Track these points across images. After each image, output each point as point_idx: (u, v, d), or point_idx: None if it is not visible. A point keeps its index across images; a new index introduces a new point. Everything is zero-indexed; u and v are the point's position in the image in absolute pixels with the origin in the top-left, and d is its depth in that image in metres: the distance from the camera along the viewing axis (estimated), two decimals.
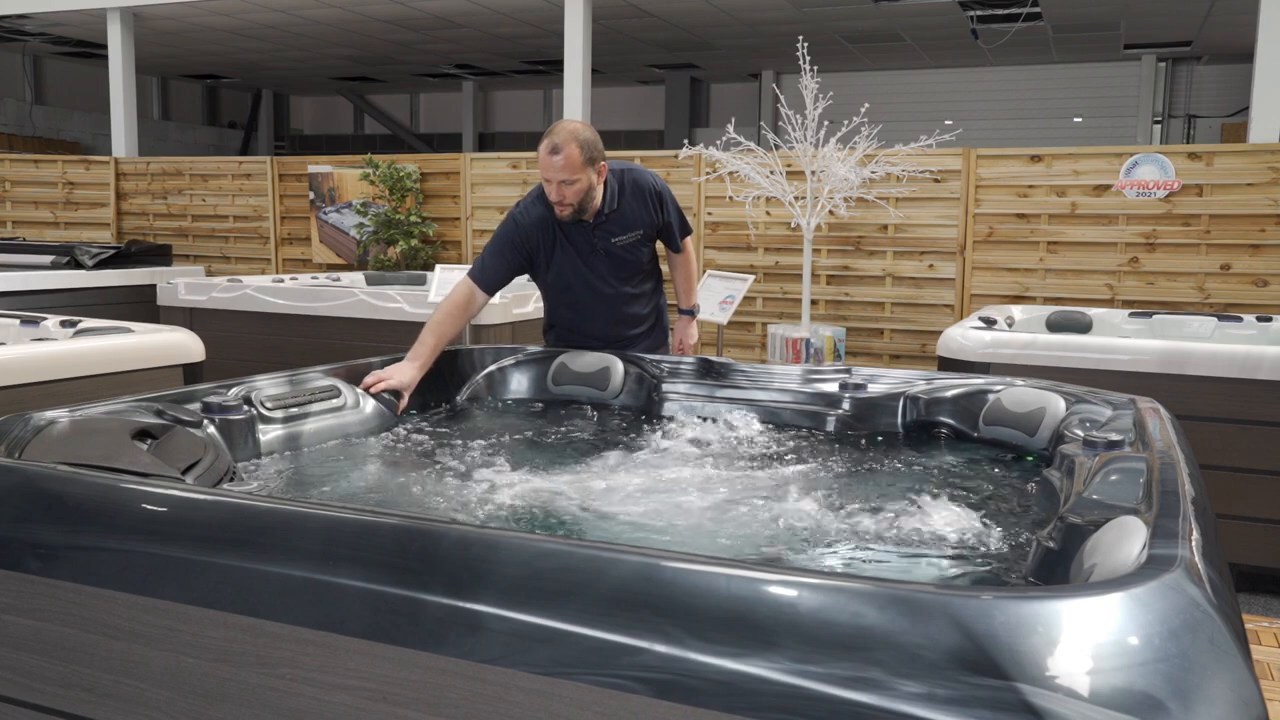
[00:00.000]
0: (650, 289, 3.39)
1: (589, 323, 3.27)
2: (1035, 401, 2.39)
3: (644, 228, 3.20)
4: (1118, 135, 13.68)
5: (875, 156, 6.12)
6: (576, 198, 2.97)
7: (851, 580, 1.07)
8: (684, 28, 11.76)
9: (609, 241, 3.14)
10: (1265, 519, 3.70)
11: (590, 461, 2.27)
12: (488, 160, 8.03)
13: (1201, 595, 1.06)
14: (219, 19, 11.51)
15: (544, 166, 2.92)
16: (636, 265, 3.25)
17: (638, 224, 3.17)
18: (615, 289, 3.22)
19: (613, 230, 3.13)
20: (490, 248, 3.14)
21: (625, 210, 3.14)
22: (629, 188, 3.15)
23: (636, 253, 3.22)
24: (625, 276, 3.23)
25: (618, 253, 3.17)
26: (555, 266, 3.16)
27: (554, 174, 2.92)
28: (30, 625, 1.42)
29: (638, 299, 3.32)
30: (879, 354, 6.79)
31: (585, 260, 3.15)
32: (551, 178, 2.93)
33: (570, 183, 2.93)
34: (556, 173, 2.91)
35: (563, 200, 2.97)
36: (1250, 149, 6.13)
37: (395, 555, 1.22)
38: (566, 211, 3.00)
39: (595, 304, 3.23)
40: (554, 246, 3.13)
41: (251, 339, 5.35)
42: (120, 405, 2.02)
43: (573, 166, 2.91)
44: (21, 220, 9.42)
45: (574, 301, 3.25)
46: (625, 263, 3.20)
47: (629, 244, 3.18)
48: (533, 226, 3.11)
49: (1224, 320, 5.00)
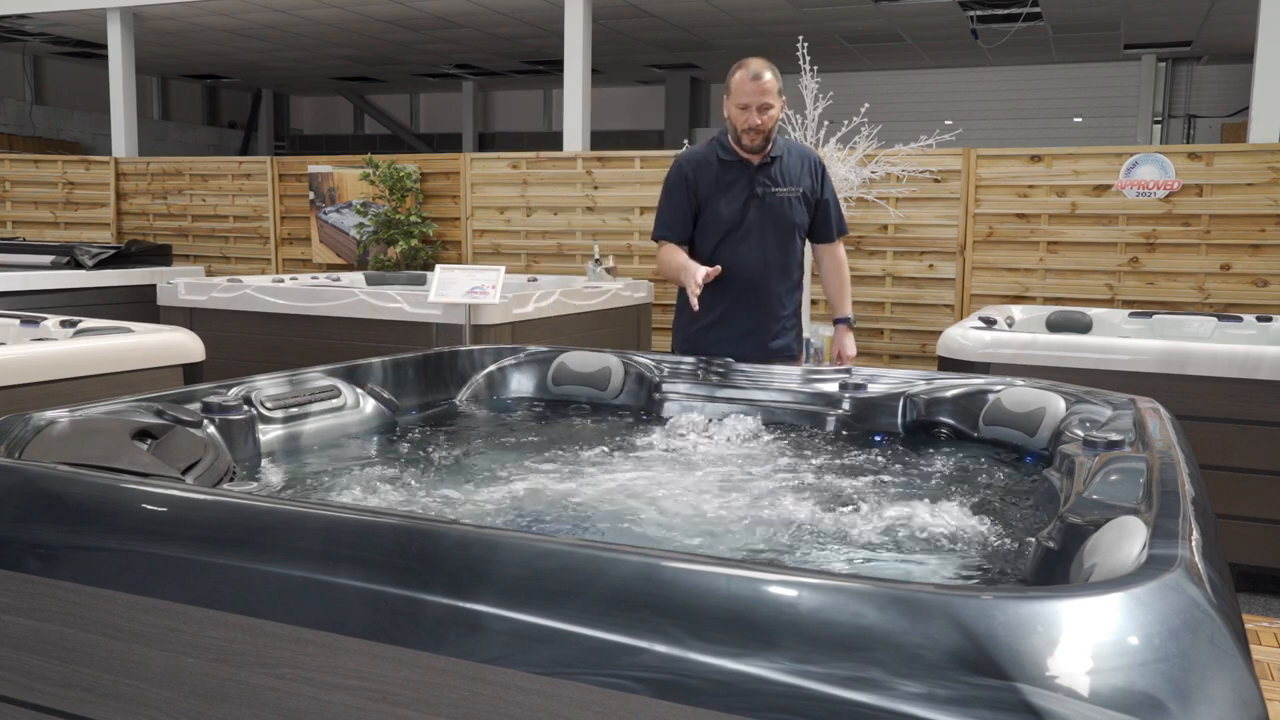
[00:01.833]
0: (798, 280, 3.41)
1: (737, 301, 3.26)
2: (1035, 401, 2.40)
3: (803, 189, 3.29)
4: (1118, 135, 13.68)
5: (875, 156, 6.12)
6: (770, 123, 3.15)
7: (851, 580, 1.07)
8: (684, 28, 11.76)
9: (770, 190, 3.23)
10: (1265, 519, 3.70)
11: (590, 461, 2.27)
12: (488, 160, 8.03)
13: (1201, 595, 1.06)
14: (219, 19, 11.51)
15: (745, 92, 3.10)
16: (790, 228, 3.28)
17: (797, 181, 3.28)
18: (767, 250, 3.25)
19: (775, 178, 3.24)
20: (662, 201, 3.32)
21: (789, 163, 3.28)
22: (795, 148, 3.38)
23: (792, 211, 3.27)
24: (779, 240, 3.26)
25: (775, 205, 3.24)
26: (714, 207, 3.24)
27: (755, 98, 3.10)
28: (30, 625, 1.42)
29: (786, 277, 3.33)
30: (879, 354, 6.79)
31: (744, 205, 3.22)
32: (751, 102, 3.10)
33: (768, 107, 3.12)
34: (759, 96, 3.10)
35: (759, 127, 3.13)
36: (1250, 149, 6.13)
37: (395, 555, 1.22)
38: (758, 139, 3.15)
39: (747, 268, 3.24)
40: (714, 185, 3.23)
41: (251, 339, 5.35)
42: (120, 405, 2.02)
43: (773, 91, 3.12)
44: (21, 220, 9.42)
45: (720, 259, 3.23)
46: (781, 220, 3.26)
47: (786, 197, 3.25)
48: (696, 165, 3.27)
49: (1224, 320, 5.00)
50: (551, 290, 5.42)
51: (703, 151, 3.32)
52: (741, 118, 3.14)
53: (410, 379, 2.80)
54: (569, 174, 7.67)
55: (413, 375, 2.82)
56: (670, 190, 3.31)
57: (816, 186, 3.34)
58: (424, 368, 2.88)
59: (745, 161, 3.24)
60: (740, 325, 3.29)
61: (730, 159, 3.26)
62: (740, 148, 3.23)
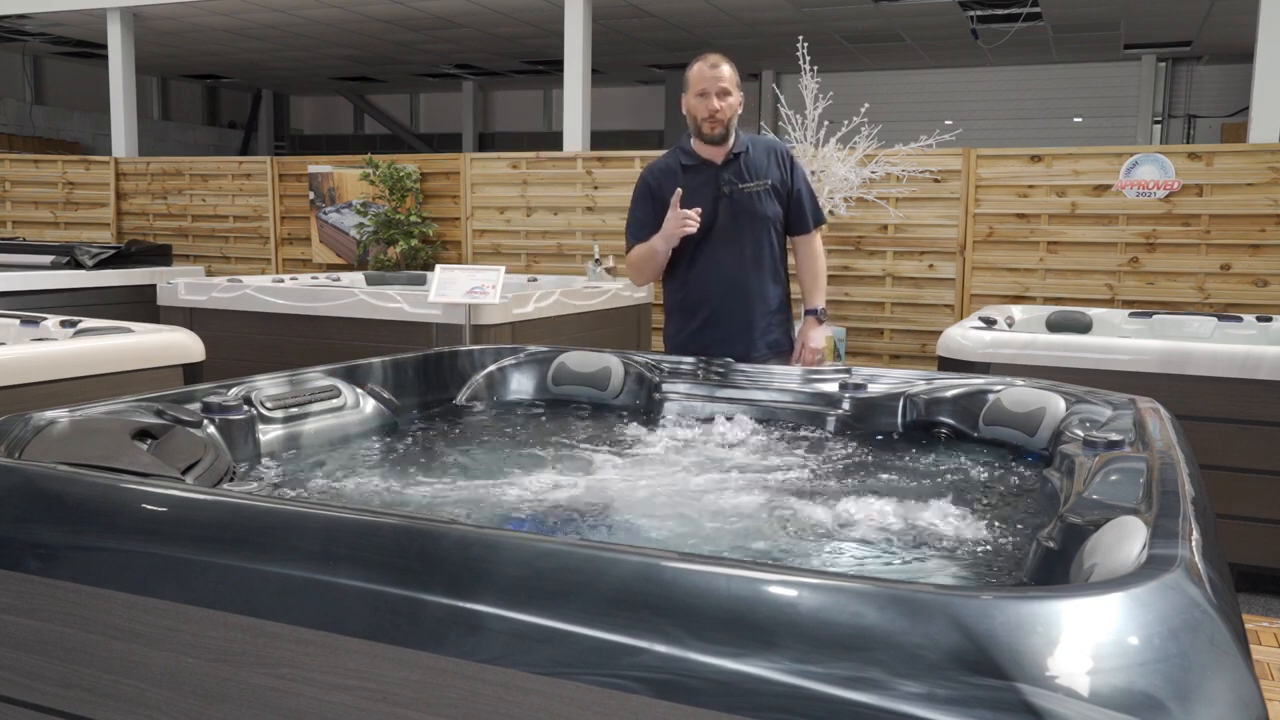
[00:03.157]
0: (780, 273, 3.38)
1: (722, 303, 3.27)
2: (1035, 401, 2.40)
3: (772, 180, 3.28)
4: (1118, 135, 13.68)
5: (875, 156, 6.12)
6: (730, 111, 3.17)
7: (851, 580, 1.07)
8: (684, 28, 11.76)
9: (736, 186, 3.22)
10: (1265, 519, 3.70)
11: (590, 461, 2.26)
12: (488, 160, 8.04)
13: (1201, 595, 1.06)
14: (219, 19, 11.51)
15: (703, 80, 3.14)
16: (763, 221, 3.27)
17: (765, 174, 3.27)
18: (743, 248, 3.25)
19: (740, 174, 3.24)
20: (630, 214, 3.36)
21: (754, 158, 3.28)
22: (761, 141, 3.38)
23: (763, 205, 3.26)
24: (754, 236, 3.26)
25: (744, 201, 3.24)
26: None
27: (713, 84, 3.13)
28: (30, 625, 1.42)
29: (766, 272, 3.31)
30: (879, 354, 6.79)
31: (713, 206, 3.22)
32: (709, 89, 3.13)
33: (726, 93, 3.15)
34: (715, 83, 3.13)
35: (718, 113, 3.14)
36: (1250, 149, 6.13)
37: (395, 555, 1.22)
38: (718, 127, 3.17)
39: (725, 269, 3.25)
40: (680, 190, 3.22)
41: (251, 339, 5.35)
42: (120, 405, 2.02)
43: (730, 80, 3.16)
44: (21, 220, 9.42)
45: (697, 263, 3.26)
46: (752, 215, 3.25)
47: (755, 192, 3.24)
48: (660, 173, 3.30)
49: (1224, 320, 5.00)
50: (551, 290, 5.42)
51: (666, 160, 3.34)
52: (700, 106, 3.15)
53: (410, 379, 2.80)
54: (569, 174, 7.67)
55: (413, 375, 2.82)
56: (636, 202, 3.33)
57: (786, 177, 3.32)
58: (424, 368, 2.87)
59: (708, 162, 3.25)
60: (727, 327, 3.28)
61: (693, 163, 3.26)
62: (702, 141, 3.23)
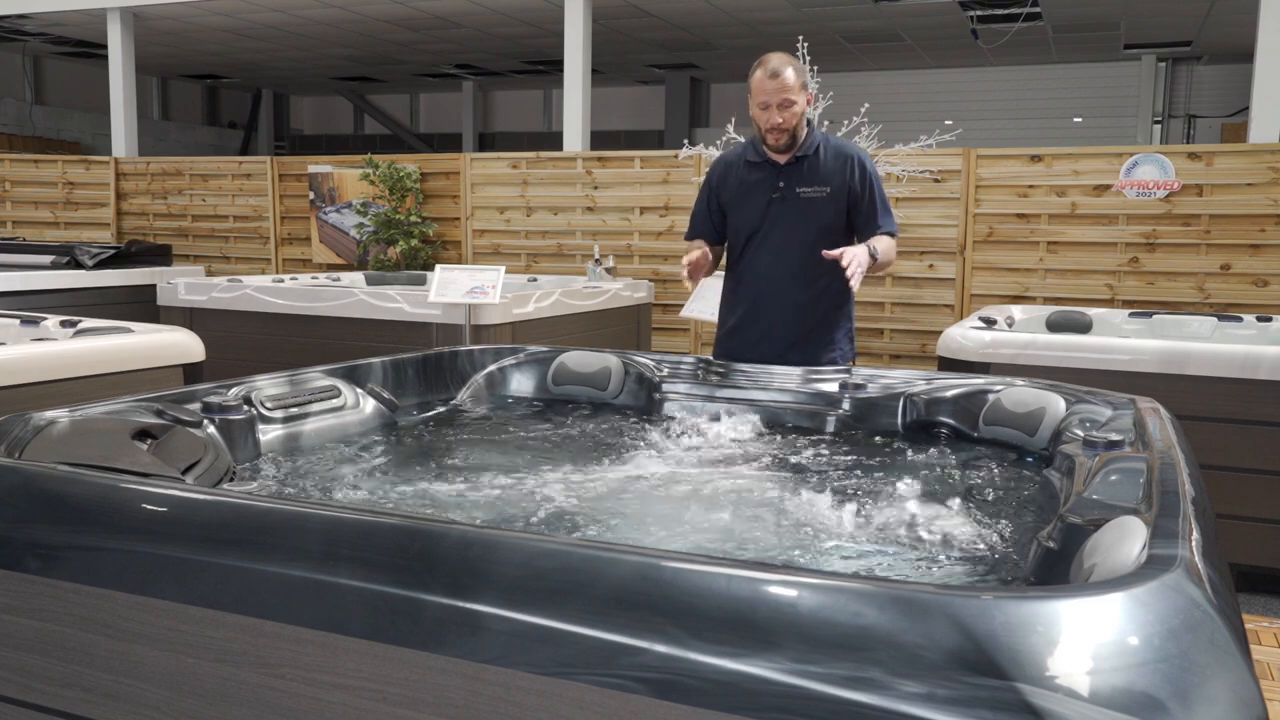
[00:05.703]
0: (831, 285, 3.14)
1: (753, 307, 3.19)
2: (1035, 401, 2.39)
3: (833, 187, 3.12)
4: (1118, 135, 13.67)
5: (875, 156, 6.11)
6: (794, 120, 3.05)
7: (851, 580, 1.07)
8: (684, 28, 11.76)
9: (794, 190, 3.12)
10: (1265, 519, 3.70)
11: (590, 462, 2.26)
12: (488, 160, 8.03)
13: (1201, 595, 1.06)
14: (219, 19, 11.51)
15: (764, 91, 3.01)
16: (817, 229, 3.11)
17: (827, 181, 3.12)
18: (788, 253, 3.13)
19: (801, 177, 3.12)
20: (697, 198, 3.34)
21: (820, 161, 3.14)
22: (832, 144, 3.20)
23: (819, 212, 3.12)
24: (802, 242, 3.10)
25: (798, 205, 3.12)
26: (735, 210, 3.20)
27: (774, 96, 3.00)
28: (30, 625, 1.42)
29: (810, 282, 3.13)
30: (879, 354, 6.79)
31: (764, 208, 3.15)
32: (771, 101, 3.01)
33: (789, 104, 3.01)
34: (777, 94, 3.00)
35: (781, 125, 3.03)
36: (1250, 149, 6.13)
37: (395, 555, 1.22)
38: (783, 138, 3.06)
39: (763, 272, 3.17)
40: (737, 188, 3.18)
41: (251, 339, 5.35)
42: (120, 405, 2.02)
43: (794, 87, 3.01)
44: (21, 220, 9.42)
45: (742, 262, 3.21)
46: (806, 221, 3.11)
47: (814, 198, 3.11)
48: (724, 168, 3.25)
49: (1224, 320, 5.00)
50: (551, 290, 5.42)
51: (734, 153, 3.28)
52: (763, 117, 3.04)
53: (410, 379, 2.81)
54: (569, 174, 7.67)
55: (413, 375, 2.82)
56: (700, 192, 3.33)
57: (854, 184, 3.12)
58: (424, 368, 2.88)
59: (771, 162, 3.15)
60: (753, 332, 3.19)
61: (757, 159, 3.17)
62: (767, 148, 3.14)
